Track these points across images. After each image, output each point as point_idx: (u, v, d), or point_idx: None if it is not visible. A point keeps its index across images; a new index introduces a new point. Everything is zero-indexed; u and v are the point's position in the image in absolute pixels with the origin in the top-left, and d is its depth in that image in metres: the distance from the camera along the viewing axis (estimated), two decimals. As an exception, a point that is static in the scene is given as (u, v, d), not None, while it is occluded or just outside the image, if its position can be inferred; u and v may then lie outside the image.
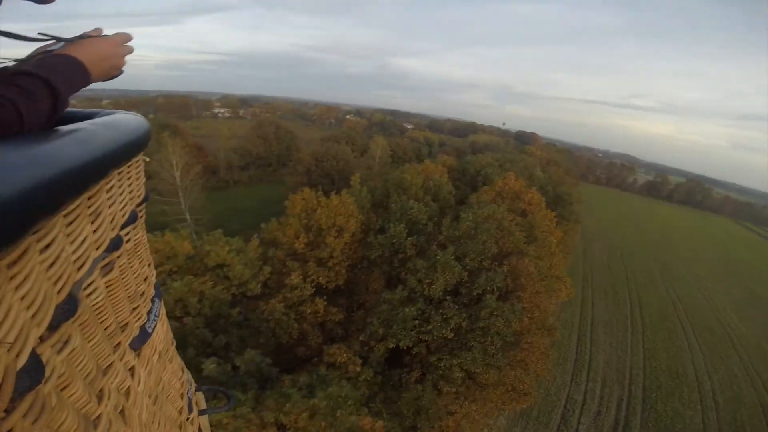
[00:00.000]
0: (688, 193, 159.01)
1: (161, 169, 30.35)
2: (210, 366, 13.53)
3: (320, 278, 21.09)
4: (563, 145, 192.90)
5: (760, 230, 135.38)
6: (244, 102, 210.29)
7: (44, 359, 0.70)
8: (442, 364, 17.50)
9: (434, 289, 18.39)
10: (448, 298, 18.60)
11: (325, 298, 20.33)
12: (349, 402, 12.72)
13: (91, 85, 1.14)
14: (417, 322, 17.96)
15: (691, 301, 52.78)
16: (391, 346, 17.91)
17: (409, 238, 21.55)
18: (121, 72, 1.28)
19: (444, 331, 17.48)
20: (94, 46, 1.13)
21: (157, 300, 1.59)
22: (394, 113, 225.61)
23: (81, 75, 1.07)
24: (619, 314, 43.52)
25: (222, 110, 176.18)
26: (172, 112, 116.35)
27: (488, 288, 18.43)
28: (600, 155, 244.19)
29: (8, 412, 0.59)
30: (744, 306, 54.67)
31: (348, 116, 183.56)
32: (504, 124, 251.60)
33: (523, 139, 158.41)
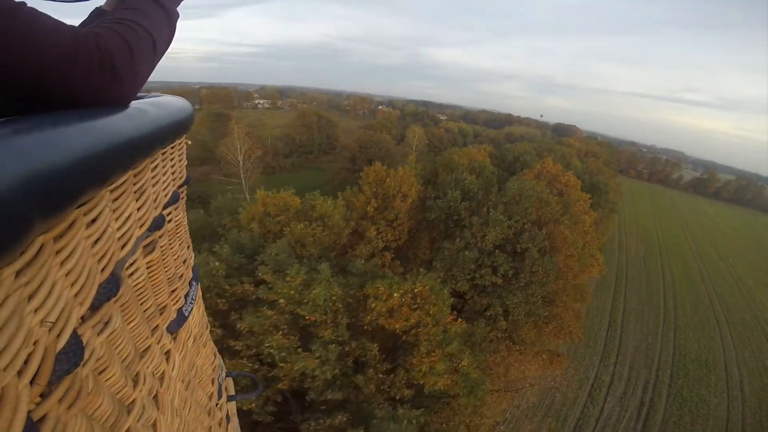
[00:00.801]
0: (737, 191, 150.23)
1: (227, 153, 34.30)
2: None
3: (388, 236, 25.09)
4: (605, 138, 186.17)
5: None
6: (282, 93, 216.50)
7: (84, 340, 0.69)
8: (489, 312, 20.58)
9: (486, 240, 21.75)
10: (496, 251, 21.51)
11: (391, 251, 24.28)
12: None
13: None
14: (473, 266, 21.03)
15: (729, 297, 52.11)
16: (450, 288, 20.85)
17: (462, 203, 25.12)
18: None
19: (493, 278, 20.56)
20: None
21: (194, 283, 1.62)
22: (426, 104, 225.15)
23: None
24: (652, 304, 44.16)
25: (261, 101, 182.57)
26: (216, 103, 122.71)
27: (530, 245, 21.25)
28: (645, 150, 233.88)
29: (44, 396, 0.56)
30: (786, 306, 53.34)
31: (380, 107, 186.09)
32: (542, 116, 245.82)
33: (562, 132, 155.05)
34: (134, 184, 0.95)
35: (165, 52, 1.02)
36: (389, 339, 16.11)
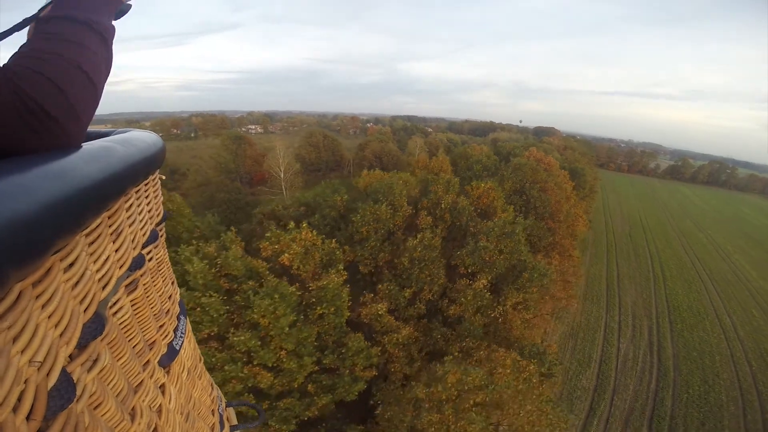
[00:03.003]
0: (711, 174, 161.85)
1: (271, 167, 40.13)
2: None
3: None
4: (584, 137, 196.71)
5: None
6: (270, 117, 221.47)
7: (75, 377, 0.71)
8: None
9: (506, 188, 29.24)
10: (512, 196, 28.71)
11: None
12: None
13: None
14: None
15: (710, 261, 59.12)
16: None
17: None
18: None
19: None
20: None
21: (182, 317, 1.64)
22: (410, 118, 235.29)
23: None
24: (641, 269, 50.71)
25: (253, 126, 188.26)
26: (211, 131, 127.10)
27: (533, 190, 28.69)
28: (623, 145, 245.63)
29: (42, 431, 0.59)
30: (763, 264, 60.35)
31: (369, 125, 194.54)
32: (521, 121, 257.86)
33: (542, 134, 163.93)
34: (110, 226, 0.97)
35: (107, 76, 0.97)
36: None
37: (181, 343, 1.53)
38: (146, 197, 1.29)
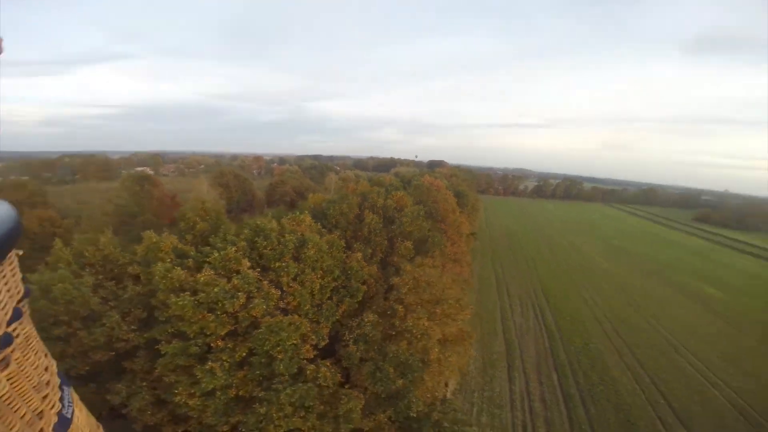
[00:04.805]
0: (565, 189, 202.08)
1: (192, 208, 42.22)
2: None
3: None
4: (468, 167, 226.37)
5: (622, 207, 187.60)
6: (161, 158, 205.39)
7: None
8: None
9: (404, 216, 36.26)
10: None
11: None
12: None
13: None
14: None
15: (568, 256, 76.42)
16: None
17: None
18: None
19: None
20: None
21: (65, 387, 1.62)
22: (317, 157, 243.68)
23: None
24: (519, 267, 63.98)
25: (140, 169, 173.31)
26: (93, 174, 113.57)
27: (428, 204, 36.30)
28: (499, 172, 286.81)
29: None
30: (607, 254, 79.88)
31: (274, 164, 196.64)
32: (417, 156, 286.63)
33: (434, 166, 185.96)
34: None
35: None
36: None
37: (72, 412, 1.55)
38: (4, 277, 1.29)
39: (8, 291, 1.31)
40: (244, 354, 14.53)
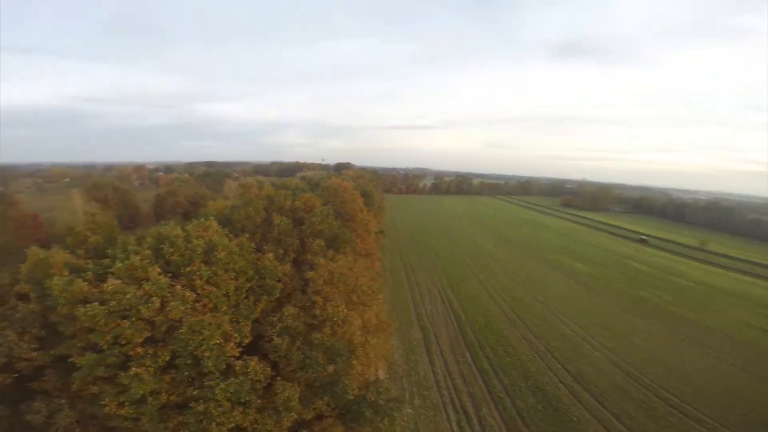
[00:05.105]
0: (458, 185, 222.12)
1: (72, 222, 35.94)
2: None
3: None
4: (373, 169, 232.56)
5: (505, 198, 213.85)
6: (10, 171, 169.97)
7: None
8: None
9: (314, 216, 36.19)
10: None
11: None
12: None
13: None
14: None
15: (464, 244, 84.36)
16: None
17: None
18: None
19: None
20: None
21: None
22: (211, 164, 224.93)
23: None
24: (425, 260, 68.60)
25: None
26: None
27: (336, 204, 37.11)
28: (401, 172, 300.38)
29: None
30: (497, 242, 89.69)
31: (159, 173, 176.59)
32: (323, 159, 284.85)
33: (342, 169, 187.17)
34: None
35: None
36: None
37: None
38: None
39: None
40: (168, 358, 14.33)
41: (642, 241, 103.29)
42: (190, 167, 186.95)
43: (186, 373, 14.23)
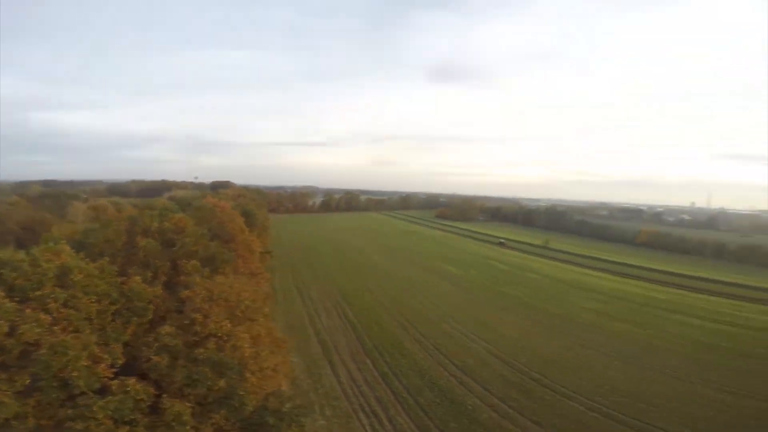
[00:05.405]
0: (347, 202, 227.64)
1: None
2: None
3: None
4: (257, 187, 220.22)
5: (389, 213, 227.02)
6: None
7: None
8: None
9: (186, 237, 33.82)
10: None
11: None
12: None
13: None
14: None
15: (354, 258, 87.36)
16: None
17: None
18: None
19: None
20: None
21: None
22: (49, 183, 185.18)
23: None
24: (317, 277, 68.89)
25: None
26: None
27: (213, 225, 35.77)
28: (289, 191, 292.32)
29: None
30: (384, 254, 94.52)
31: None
32: (197, 177, 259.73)
33: (219, 188, 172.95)
34: None
35: None
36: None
37: None
38: None
39: None
40: (27, 381, 12.97)
41: (501, 244, 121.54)
42: (21, 186, 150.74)
43: (54, 395, 13.00)
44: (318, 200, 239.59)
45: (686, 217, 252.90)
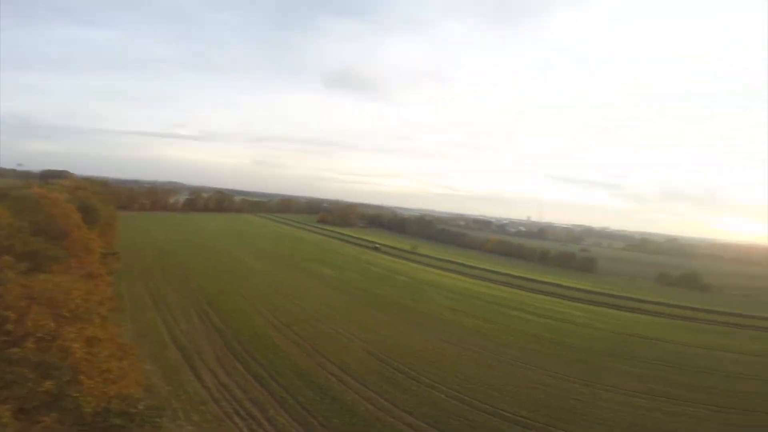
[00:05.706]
0: (217, 202, 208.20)
1: None
2: None
3: None
4: (104, 180, 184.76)
5: (267, 215, 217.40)
6: None
7: None
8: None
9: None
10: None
11: None
12: None
13: None
14: None
15: (223, 261, 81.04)
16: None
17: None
18: None
19: None
20: None
21: None
22: None
23: None
24: (176, 281, 61.47)
25: None
26: None
27: (39, 218, 30.38)
28: (146, 186, 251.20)
29: None
30: (258, 257, 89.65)
31: None
32: (21, 164, 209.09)
33: (52, 177, 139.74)
34: None
35: None
36: None
37: None
38: None
39: None
40: None
41: (376, 248, 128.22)
42: None
43: None
44: (182, 198, 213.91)
45: (523, 228, 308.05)
